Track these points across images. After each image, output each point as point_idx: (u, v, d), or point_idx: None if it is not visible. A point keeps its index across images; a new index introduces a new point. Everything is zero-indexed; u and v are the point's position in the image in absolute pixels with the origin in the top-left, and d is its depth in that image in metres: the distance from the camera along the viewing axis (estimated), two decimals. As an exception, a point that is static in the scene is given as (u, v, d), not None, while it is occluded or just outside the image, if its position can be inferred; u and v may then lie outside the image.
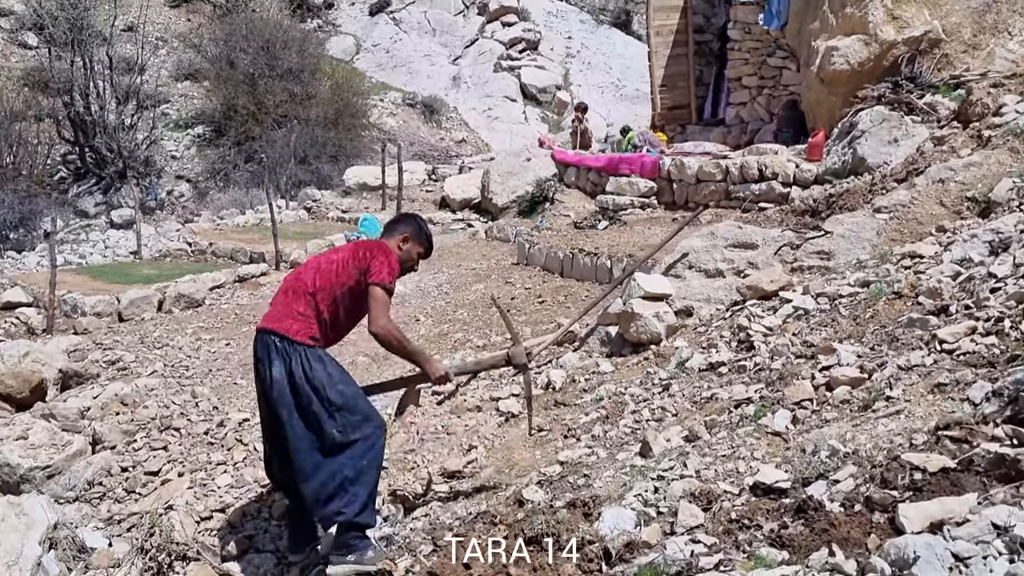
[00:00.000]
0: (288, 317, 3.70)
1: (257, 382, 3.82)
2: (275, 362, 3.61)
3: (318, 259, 3.97)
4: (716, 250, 5.84)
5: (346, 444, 3.59)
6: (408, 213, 4.48)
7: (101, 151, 17.64)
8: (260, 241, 12.07)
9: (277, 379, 3.60)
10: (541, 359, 6.11)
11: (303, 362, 3.61)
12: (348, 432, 3.59)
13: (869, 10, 8.79)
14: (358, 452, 3.60)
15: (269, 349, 3.65)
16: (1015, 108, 6.28)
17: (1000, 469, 2.35)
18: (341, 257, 3.85)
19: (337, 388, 3.63)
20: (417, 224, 4.09)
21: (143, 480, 4.95)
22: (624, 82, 24.99)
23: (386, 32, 26.22)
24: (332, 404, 3.59)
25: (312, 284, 3.76)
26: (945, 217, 5.29)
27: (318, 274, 3.80)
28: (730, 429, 3.68)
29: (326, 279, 3.78)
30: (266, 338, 3.69)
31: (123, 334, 8.25)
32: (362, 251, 3.84)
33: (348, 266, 3.79)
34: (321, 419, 3.57)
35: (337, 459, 3.58)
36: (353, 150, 19.63)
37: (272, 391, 3.61)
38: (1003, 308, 3.40)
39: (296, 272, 3.96)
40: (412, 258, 4.03)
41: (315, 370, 3.61)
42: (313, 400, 3.58)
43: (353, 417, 3.62)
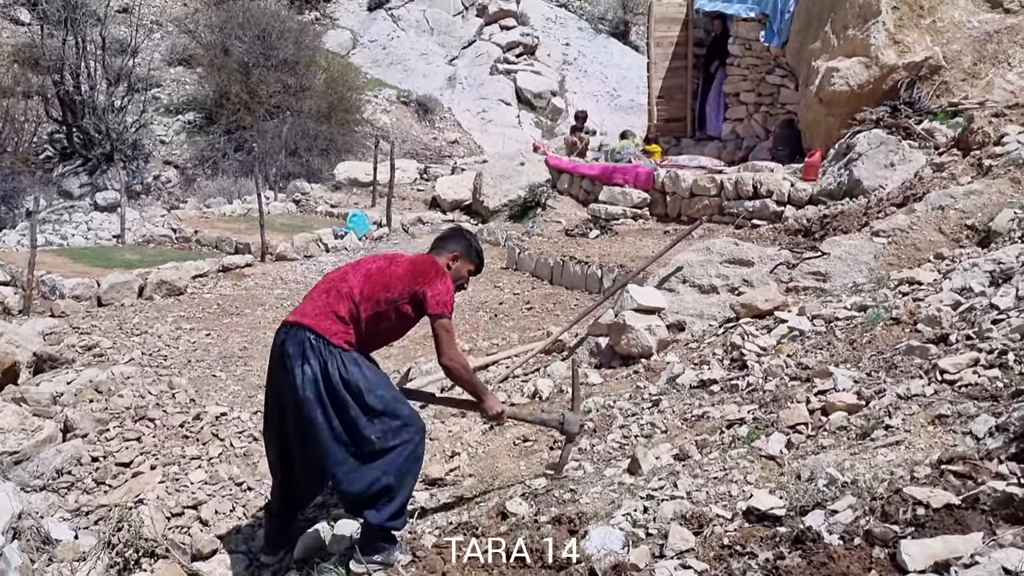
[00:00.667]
0: (327, 317, 3.53)
1: (278, 378, 3.60)
2: (310, 359, 3.44)
3: (368, 264, 3.79)
4: (711, 265, 5.77)
5: (386, 450, 3.47)
6: (458, 228, 4.31)
7: (89, 132, 17.39)
8: (246, 231, 11.91)
9: (311, 378, 3.42)
10: (528, 367, 6.03)
11: (339, 365, 3.46)
12: (388, 438, 3.48)
13: (871, 33, 8.76)
14: (400, 458, 3.49)
15: (303, 345, 3.46)
16: (1017, 138, 6.26)
17: (1007, 509, 2.28)
18: (397, 272, 3.69)
19: (377, 393, 3.50)
20: (467, 241, 3.97)
21: (114, 471, 4.82)
22: (619, 92, 24.97)
23: (384, 28, 26.07)
24: (371, 409, 3.47)
25: (360, 290, 3.60)
26: (944, 244, 5.25)
27: (367, 281, 3.64)
28: (722, 450, 3.59)
29: (375, 289, 3.62)
30: (300, 334, 3.50)
31: (101, 319, 8.08)
32: (420, 271, 3.69)
33: (402, 282, 3.64)
34: (359, 424, 3.44)
35: (376, 465, 3.46)
36: (345, 145, 19.46)
37: (304, 390, 3.42)
38: (1007, 341, 3.33)
39: (342, 272, 3.77)
40: (463, 276, 3.92)
41: (351, 373, 3.47)
42: (351, 404, 3.44)
43: (393, 423, 3.50)
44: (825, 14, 9.52)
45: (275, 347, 3.61)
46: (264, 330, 7.69)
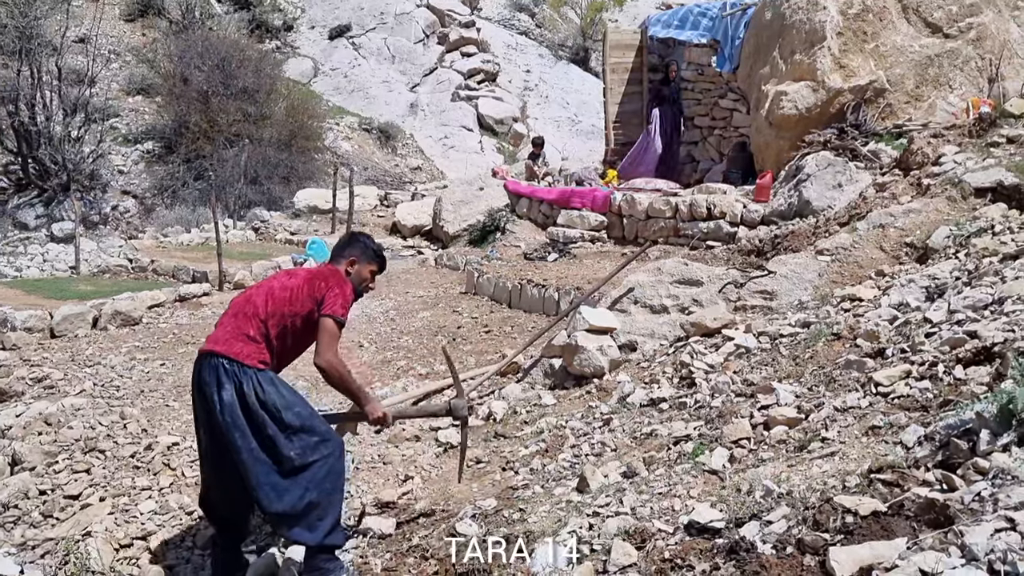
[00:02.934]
0: (237, 340, 3.57)
1: (199, 408, 3.64)
2: (225, 385, 3.46)
3: (270, 283, 3.83)
4: (662, 286, 5.86)
5: (305, 466, 3.49)
6: (353, 233, 4.33)
7: (45, 163, 17.21)
8: (204, 260, 11.82)
9: (228, 403, 3.44)
10: (484, 390, 6.05)
11: (255, 385, 3.48)
12: (307, 454, 3.49)
13: (817, 58, 9.00)
14: (320, 474, 3.51)
15: (217, 372, 3.50)
16: (953, 158, 6.45)
17: (930, 514, 2.35)
18: (296, 284, 3.73)
19: (293, 410, 3.53)
20: (363, 243, 4.00)
21: (62, 504, 4.73)
22: (580, 117, 25.29)
23: (345, 57, 26.19)
24: (289, 427, 3.48)
25: (264, 309, 3.65)
26: (884, 262, 5.39)
27: (270, 299, 3.68)
28: (668, 466, 3.65)
29: (279, 305, 3.66)
30: (213, 360, 3.53)
31: (53, 351, 7.96)
32: (319, 280, 3.73)
33: (303, 294, 3.68)
34: (278, 442, 3.45)
35: (298, 481, 3.47)
36: (306, 172, 19.45)
37: (223, 415, 3.45)
38: (937, 353, 3.44)
39: (246, 294, 3.82)
40: (364, 278, 3.94)
41: (268, 393, 3.49)
42: (268, 423, 3.45)
43: (311, 438, 3.52)
44: (773, 40, 9.76)
45: (193, 377, 3.66)
46: (220, 359, 7.63)
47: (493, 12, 30.06)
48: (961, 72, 8.97)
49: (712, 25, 11.60)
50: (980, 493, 2.27)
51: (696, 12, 12.01)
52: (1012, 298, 3.69)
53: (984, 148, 6.59)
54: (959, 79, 8.98)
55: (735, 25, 11.09)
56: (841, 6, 9.01)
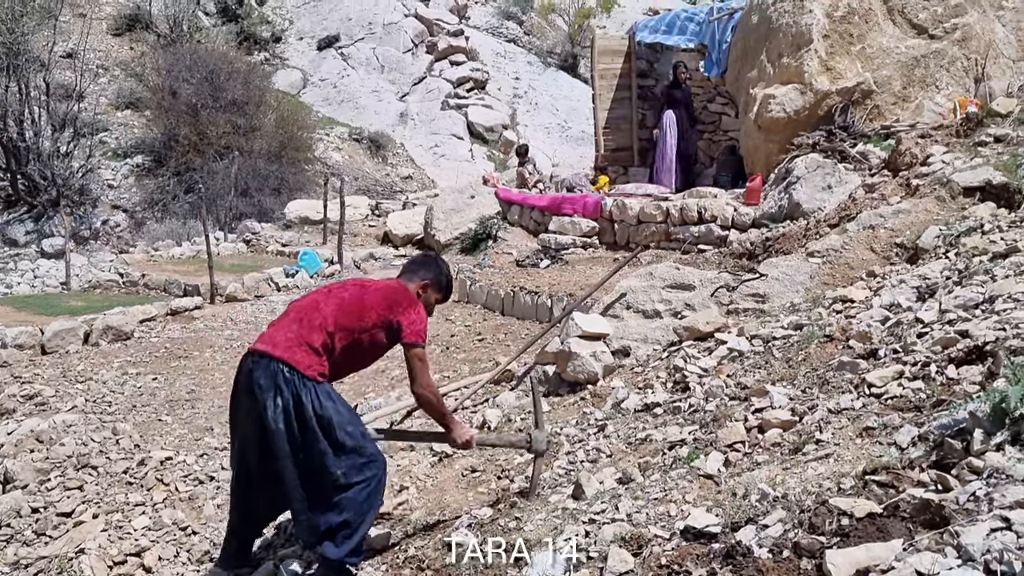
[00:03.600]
0: (300, 349, 3.47)
1: (245, 408, 3.51)
2: (283, 392, 3.38)
3: (340, 293, 3.73)
4: (654, 291, 5.86)
5: (348, 486, 3.45)
6: (429, 255, 4.26)
7: (34, 178, 17.17)
8: (195, 273, 11.79)
9: (282, 410, 3.37)
10: (478, 397, 6.04)
11: (313, 397, 3.41)
12: (352, 474, 3.45)
13: (804, 61, 9.04)
14: (361, 495, 3.47)
15: (276, 378, 3.39)
16: (941, 158, 6.48)
17: (925, 515, 2.34)
18: (369, 300, 3.66)
19: (346, 429, 3.47)
20: (439, 268, 3.97)
21: (55, 522, 4.72)
22: (570, 123, 25.34)
23: (334, 67, 26.20)
24: (340, 445, 3.43)
25: (334, 321, 3.56)
26: (875, 262, 5.40)
27: (341, 310, 3.59)
28: (663, 471, 3.64)
29: (350, 319, 3.58)
30: (273, 365, 3.42)
31: (45, 367, 7.92)
32: (394, 299, 3.67)
33: (376, 311, 3.62)
34: (326, 458, 3.41)
35: (338, 500, 3.43)
36: (296, 184, 19.44)
37: (276, 422, 3.37)
38: (929, 353, 3.44)
39: (311, 300, 3.70)
40: (430, 303, 3.92)
41: (325, 408, 3.43)
42: (320, 438, 3.40)
43: (359, 460, 3.48)
44: (760, 43, 9.80)
45: (242, 375, 3.52)
46: (213, 372, 7.61)
47: (481, 20, 30.13)
48: (947, 72, 9.02)
49: (699, 30, 11.64)
50: (975, 493, 2.27)
51: (683, 17, 12.06)
52: (1003, 297, 3.70)
53: (972, 148, 6.62)
54: (945, 79, 9.02)
55: (722, 29, 11.13)
56: (827, 8, 9.05)
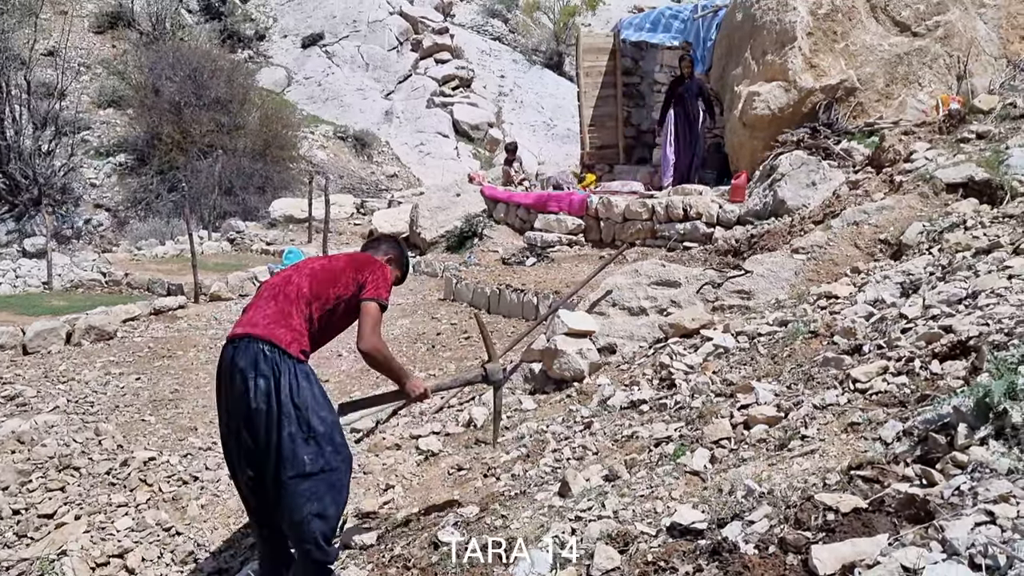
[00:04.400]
0: (280, 325, 3.38)
1: (229, 395, 3.39)
2: (263, 373, 3.27)
3: (310, 264, 3.68)
4: (640, 288, 5.86)
5: (312, 474, 3.32)
6: (390, 235, 4.28)
7: (15, 177, 17.00)
8: (179, 272, 11.71)
9: (263, 390, 3.26)
10: (464, 395, 6.02)
11: (291, 379, 3.30)
12: (318, 461, 3.33)
13: (788, 58, 9.07)
14: (324, 485, 3.35)
15: (256, 358, 3.28)
16: (924, 155, 6.51)
17: (910, 509, 2.34)
18: (339, 266, 3.61)
19: (320, 414, 3.36)
20: (400, 247, 3.95)
21: (36, 523, 4.66)
22: (555, 121, 25.34)
23: (318, 65, 26.09)
24: (311, 429, 3.31)
25: (309, 290, 3.49)
26: (859, 258, 5.42)
27: (314, 280, 3.53)
28: (649, 468, 3.63)
29: (324, 286, 3.52)
30: (253, 346, 3.31)
31: (26, 367, 7.83)
32: (361, 262, 3.64)
33: (346, 274, 3.56)
34: (296, 442, 3.28)
35: (302, 488, 3.31)
36: (281, 182, 19.35)
37: (256, 402, 3.26)
38: (913, 348, 3.45)
39: (284, 276, 3.63)
40: (390, 280, 3.80)
41: (302, 389, 3.32)
42: (292, 421, 3.28)
43: (326, 448, 3.36)
44: (745, 41, 9.82)
45: (224, 363, 3.42)
46: (197, 371, 7.56)
47: (466, 18, 30.08)
48: (930, 70, 9.07)
49: (684, 27, 11.67)
50: (959, 487, 2.27)
51: (668, 15, 12.08)
52: (985, 292, 3.72)
53: (954, 144, 6.65)
54: (928, 76, 9.08)
55: (706, 27, 11.16)
56: (811, 6, 9.08)
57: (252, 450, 3.36)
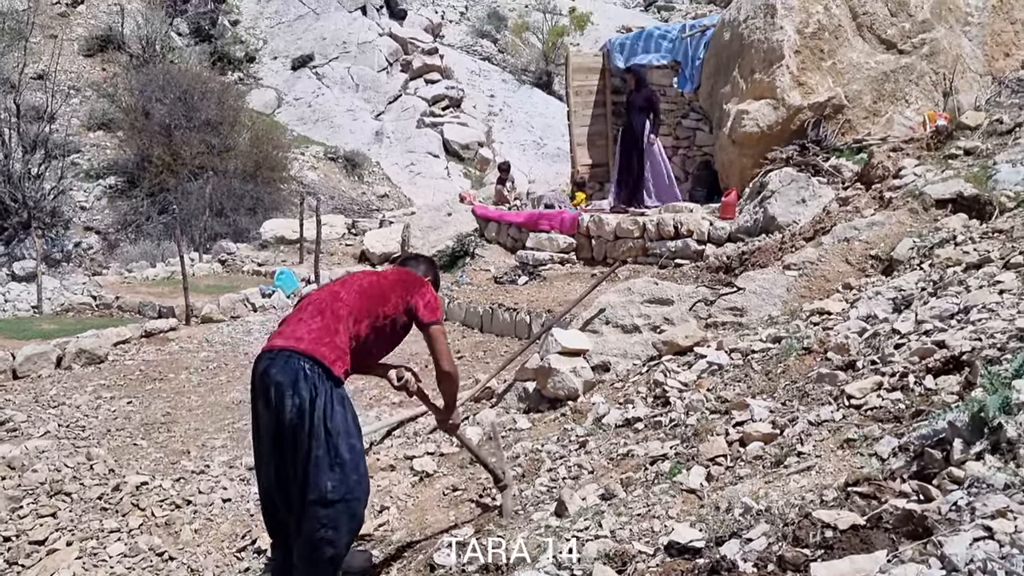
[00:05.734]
0: (324, 342, 3.33)
1: (261, 406, 3.34)
2: (301, 391, 3.23)
3: (359, 280, 3.65)
4: (632, 306, 5.87)
5: (333, 502, 3.28)
6: (428, 257, 4.23)
7: (4, 201, 16.96)
8: (170, 295, 11.67)
9: (298, 412, 3.22)
10: (457, 416, 5.99)
11: (327, 401, 3.26)
12: (340, 489, 3.29)
13: (776, 76, 9.15)
14: (344, 515, 3.32)
15: (296, 375, 3.24)
16: (913, 171, 6.57)
17: (908, 526, 2.34)
18: (387, 283, 3.59)
19: (349, 441, 3.33)
20: (436, 271, 3.99)
21: (27, 550, 4.61)
22: (545, 140, 25.45)
23: (308, 86, 26.16)
24: (339, 456, 3.28)
25: (359, 307, 3.45)
26: (851, 274, 5.44)
27: (363, 297, 3.49)
28: (646, 487, 3.62)
29: (374, 303, 3.49)
30: (294, 361, 3.26)
31: (16, 392, 7.78)
32: (409, 281, 3.64)
33: (396, 292, 3.55)
34: (321, 467, 3.25)
35: (321, 514, 3.27)
36: (272, 203, 19.35)
37: (290, 422, 3.23)
38: (907, 363, 3.46)
39: (331, 291, 3.57)
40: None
41: (335, 414, 3.28)
42: (321, 444, 3.24)
43: (351, 476, 3.32)
44: (733, 60, 9.91)
45: (257, 375, 3.36)
46: (189, 394, 7.52)
47: (456, 39, 30.26)
48: (916, 87, 9.17)
49: (672, 47, 11.76)
50: (957, 503, 2.27)
51: (656, 34, 12.17)
52: (977, 307, 3.74)
53: (942, 160, 6.71)
54: (915, 93, 9.17)
55: (695, 46, 11.25)
56: (797, 25, 9.18)
57: (280, 465, 3.34)
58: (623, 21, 29.29)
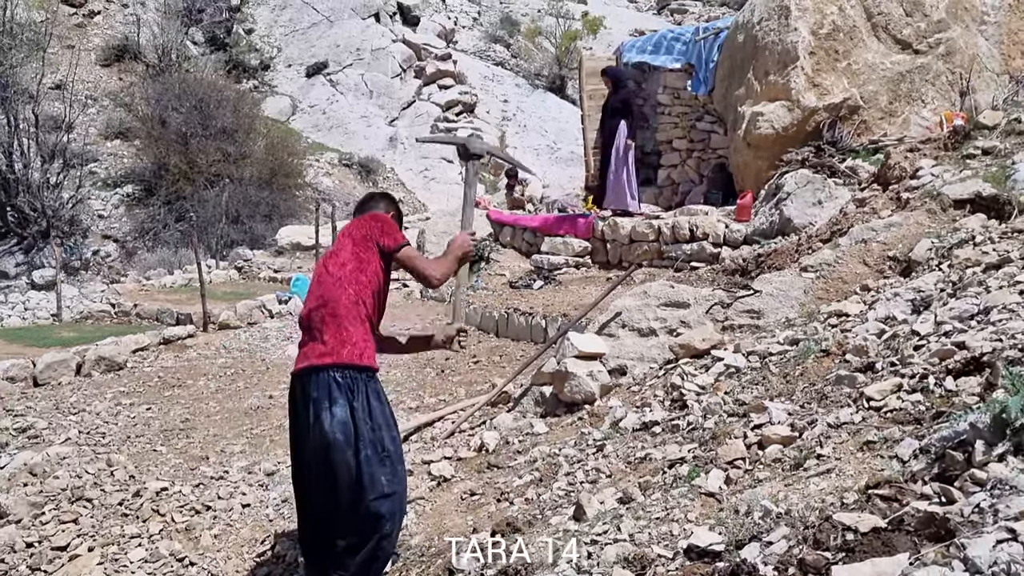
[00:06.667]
0: (343, 344, 3.38)
1: (302, 426, 3.39)
2: (338, 401, 3.29)
3: (326, 274, 3.60)
4: (649, 309, 5.86)
5: (390, 495, 3.35)
6: (383, 191, 4.20)
7: (24, 210, 17.13)
8: (188, 302, 11.76)
9: (341, 419, 3.27)
10: (475, 420, 6.01)
11: (365, 399, 3.33)
12: (394, 482, 3.36)
13: (791, 78, 9.11)
14: (398, 504, 3.41)
15: (329, 389, 3.31)
16: (930, 171, 6.52)
17: (930, 528, 2.33)
18: (348, 250, 3.58)
19: (391, 433, 3.40)
20: (396, 204, 3.94)
21: (50, 556, 4.65)
22: (559, 144, 25.45)
23: (323, 93, 26.29)
24: (384, 449, 3.34)
25: (355, 295, 3.48)
26: (868, 276, 5.41)
27: (346, 282, 3.50)
28: (664, 490, 3.62)
29: (357, 275, 3.51)
30: (322, 376, 3.33)
31: (37, 399, 7.86)
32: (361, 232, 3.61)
33: (362, 250, 3.55)
34: (373, 464, 3.30)
35: (384, 509, 3.33)
36: (287, 210, 19.46)
37: (333, 433, 3.26)
38: (927, 365, 3.44)
39: (318, 300, 3.54)
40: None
41: (374, 409, 3.35)
42: (367, 444, 3.29)
43: (399, 467, 3.41)
44: (747, 62, 9.88)
45: (295, 395, 3.44)
46: (207, 401, 7.57)
47: (469, 44, 30.33)
48: (933, 87, 9.11)
49: (686, 49, 11.73)
50: (979, 504, 2.26)
51: (669, 37, 12.16)
52: (997, 307, 3.70)
53: (960, 160, 6.66)
54: (931, 93, 9.11)
55: (708, 49, 11.23)
56: (812, 26, 9.14)
57: (328, 477, 3.35)
58: (636, 25, 29.32)
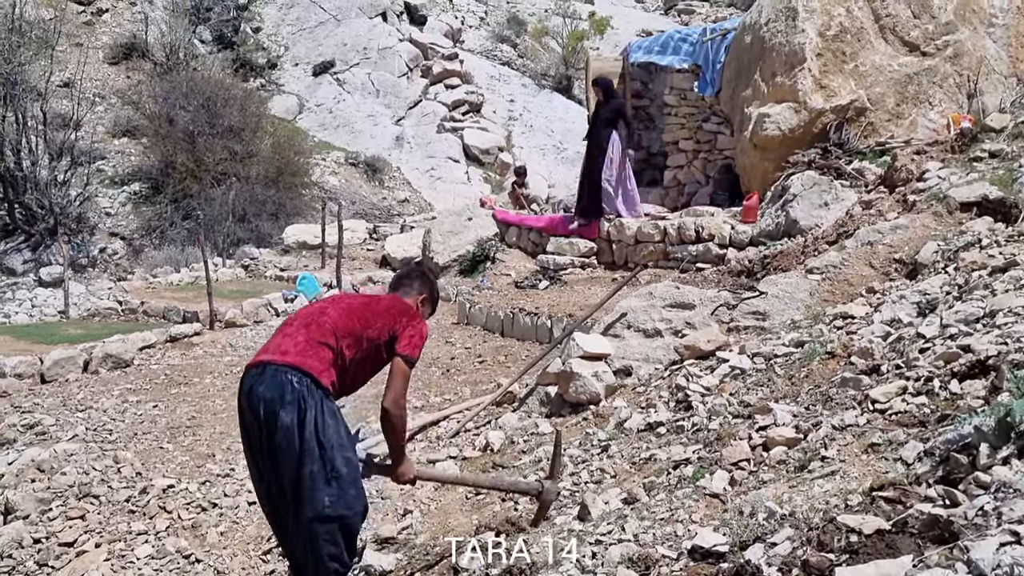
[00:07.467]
0: (311, 354, 3.22)
1: (251, 424, 3.22)
2: (287, 405, 3.11)
3: (348, 300, 3.56)
4: (654, 310, 5.87)
5: (331, 518, 3.17)
6: (421, 271, 4.03)
7: (31, 207, 17.19)
8: (194, 300, 11.80)
9: (287, 426, 3.09)
10: (480, 420, 6.03)
11: (318, 414, 3.14)
12: (338, 506, 3.17)
13: (798, 79, 9.11)
14: (343, 530, 3.23)
15: (283, 388, 3.12)
16: (937, 174, 6.52)
17: (934, 531, 2.34)
18: (378, 309, 3.47)
19: (345, 455, 3.21)
20: (432, 285, 3.81)
21: (57, 552, 4.69)
22: (565, 144, 25.42)
23: (329, 92, 26.31)
24: (335, 471, 3.15)
25: (342, 325, 3.34)
26: (874, 278, 5.41)
27: (350, 315, 3.38)
28: (669, 491, 3.63)
29: (358, 323, 3.36)
30: (280, 375, 3.15)
31: (44, 396, 7.90)
32: (400, 309, 3.50)
33: (383, 320, 3.41)
34: (317, 483, 3.12)
35: (321, 531, 3.17)
36: (294, 208, 19.49)
37: (280, 439, 3.10)
38: (932, 368, 3.45)
39: (319, 307, 3.50)
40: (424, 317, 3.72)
41: (327, 426, 3.15)
42: (315, 459, 3.11)
43: (349, 491, 3.20)
44: (754, 63, 9.88)
45: (244, 392, 3.25)
46: (213, 398, 7.59)
47: (475, 44, 30.32)
48: (940, 89, 9.09)
49: (693, 50, 11.72)
50: (983, 507, 2.26)
51: (676, 38, 12.15)
52: (1003, 311, 3.71)
53: (967, 163, 6.66)
54: (938, 96, 9.09)
55: (715, 50, 11.22)
56: (819, 28, 9.13)
57: (272, 483, 3.26)
58: (643, 25, 29.29)
